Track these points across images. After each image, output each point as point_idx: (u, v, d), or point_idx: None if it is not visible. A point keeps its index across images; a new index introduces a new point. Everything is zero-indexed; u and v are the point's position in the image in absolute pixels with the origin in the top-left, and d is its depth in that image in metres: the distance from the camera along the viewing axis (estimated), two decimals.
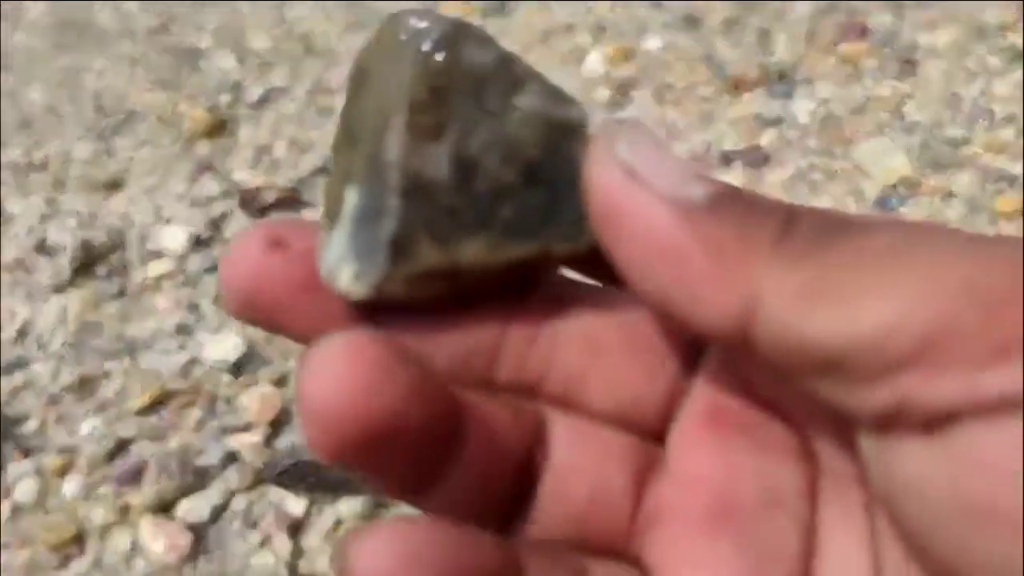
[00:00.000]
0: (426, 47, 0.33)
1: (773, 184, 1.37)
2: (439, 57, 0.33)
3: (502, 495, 0.35)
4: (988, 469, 0.25)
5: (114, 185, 1.54)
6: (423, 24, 0.33)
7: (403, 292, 0.34)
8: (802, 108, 1.49)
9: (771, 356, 0.29)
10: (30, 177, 1.57)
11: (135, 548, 1.11)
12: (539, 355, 0.36)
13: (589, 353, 0.36)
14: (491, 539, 0.32)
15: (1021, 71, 1.47)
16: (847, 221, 0.30)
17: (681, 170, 0.31)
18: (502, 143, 0.34)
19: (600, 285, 0.38)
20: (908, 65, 1.53)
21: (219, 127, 1.62)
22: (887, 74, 1.53)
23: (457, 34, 0.34)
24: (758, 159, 1.42)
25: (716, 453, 0.35)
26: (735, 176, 1.39)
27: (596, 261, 0.35)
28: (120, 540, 1.12)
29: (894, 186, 1.34)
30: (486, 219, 0.33)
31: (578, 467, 0.35)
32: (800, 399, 0.34)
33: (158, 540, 1.12)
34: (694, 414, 0.36)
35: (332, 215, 0.35)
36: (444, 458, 0.32)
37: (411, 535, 0.29)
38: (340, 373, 0.29)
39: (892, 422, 0.28)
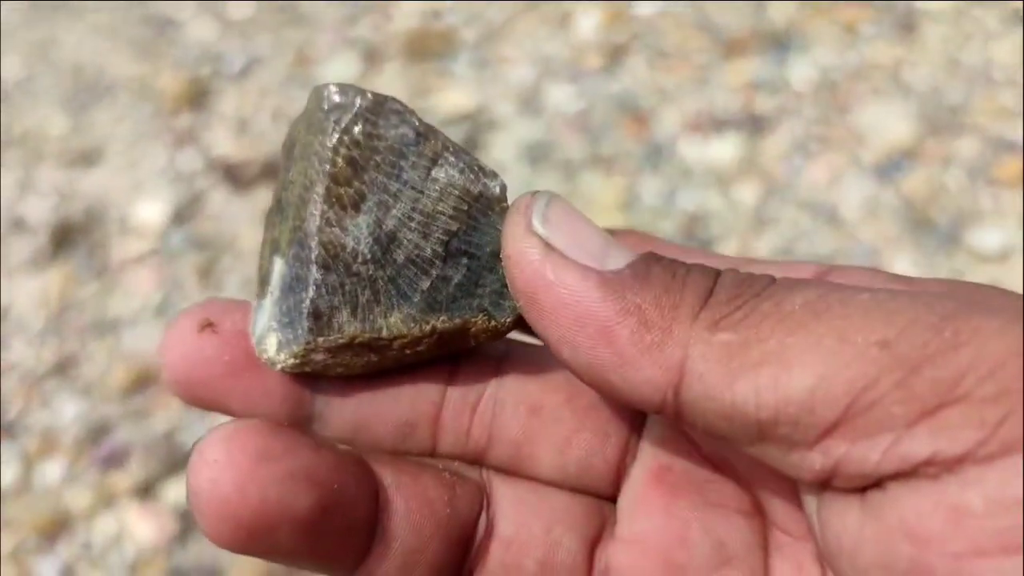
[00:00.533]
0: (345, 120, 0.34)
1: (769, 153, 1.35)
2: (357, 130, 0.34)
3: (437, 569, 0.35)
4: (913, 534, 0.26)
5: (92, 159, 1.51)
6: (343, 97, 0.34)
7: (330, 361, 0.34)
8: (798, 74, 1.47)
9: (701, 424, 0.30)
10: (6, 152, 1.53)
11: (122, 532, 1.09)
12: (482, 422, 0.37)
13: (534, 418, 0.37)
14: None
15: (1021, 34, 1.45)
16: (766, 280, 0.30)
17: (600, 241, 0.32)
18: (421, 216, 0.34)
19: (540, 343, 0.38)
20: (906, 29, 1.51)
21: (199, 98, 1.59)
22: (884, 38, 1.50)
23: (377, 107, 0.34)
24: (753, 126, 1.39)
25: (665, 513, 0.36)
26: (730, 144, 1.37)
27: (526, 327, 0.35)
28: (107, 524, 1.10)
29: (892, 154, 1.32)
30: (405, 292, 0.34)
31: (527, 535, 0.35)
32: (745, 457, 0.34)
33: (145, 523, 1.10)
34: (642, 475, 0.37)
35: (262, 284, 0.36)
36: (363, 536, 0.33)
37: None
38: (220, 465, 0.30)
39: (828, 484, 0.28)
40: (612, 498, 0.37)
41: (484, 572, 0.35)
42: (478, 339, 0.36)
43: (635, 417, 0.37)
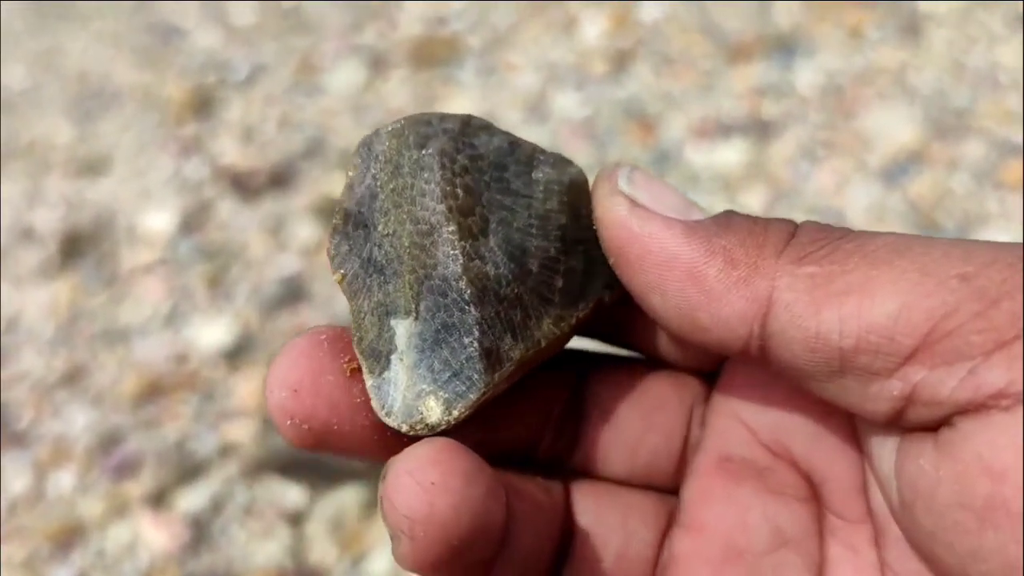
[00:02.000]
0: (446, 152, 0.33)
1: (775, 157, 1.35)
2: (460, 157, 0.33)
3: (544, 568, 0.36)
4: (988, 468, 0.26)
5: (98, 168, 1.51)
6: (428, 129, 0.34)
7: (491, 399, 0.33)
8: (803, 78, 1.47)
9: (785, 356, 0.31)
10: (13, 162, 1.53)
11: (135, 540, 1.09)
12: (563, 432, 0.38)
13: (606, 424, 0.38)
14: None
15: None
16: (846, 229, 0.31)
17: (681, 199, 0.33)
18: (537, 220, 0.35)
19: (610, 353, 0.40)
20: (911, 32, 1.51)
21: (205, 106, 1.59)
22: (889, 42, 1.51)
23: (464, 128, 0.34)
24: (760, 131, 1.40)
25: (727, 500, 0.37)
26: (737, 149, 1.37)
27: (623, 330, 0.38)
28: (120, 532, 1.10)
29: (898, 158, 1.33)
30: (546, 296, 0.34)
31: (605, 529, 0.36)
32: (801, 444, 0.36)
33: (158, 531, 1.10)
34: (704, 466, 0.38)
35: (377, 356, 0.34)
36: (498, 546, 0.33)
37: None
38: (438, 488, 0.30)
39: (902, 418, 0.29)
40: (675, 491, 0.38)
41: (571, 567, 0.36)
42: (605, 311, 0.37)
43: (696, 410, 0.38)
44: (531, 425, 0.37)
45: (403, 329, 0.33)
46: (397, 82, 1.59)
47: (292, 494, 1.12)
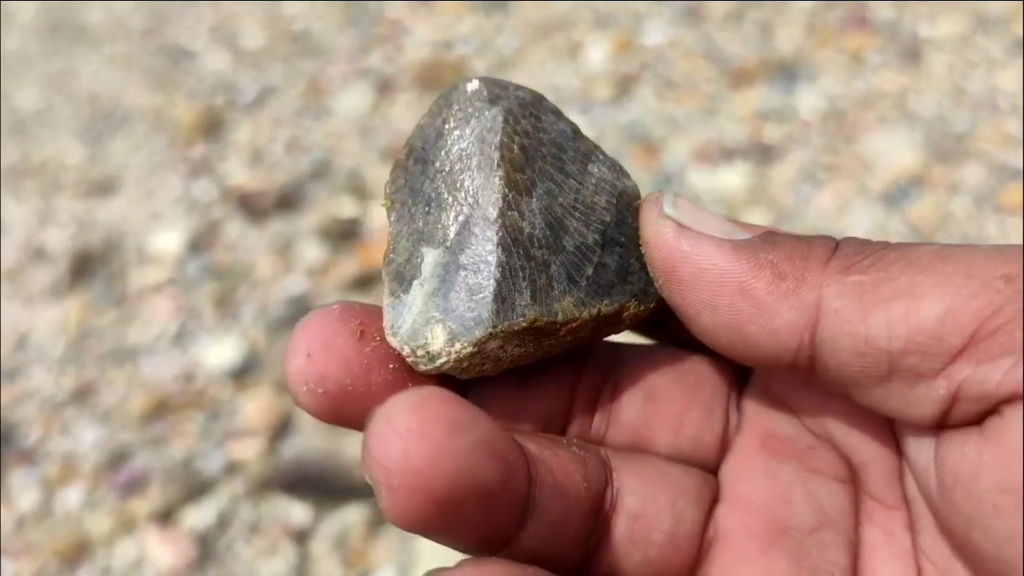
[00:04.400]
0: (513, 110, 0.35)
1: (777, 182, 1.36)
2: (524, 121, 0.35)
3: (575, 540, 0.35)
4: None
5: (108, 189, 1.53)
6: (502, 91, 0.36)
7: (499, 351, 0.34)
8: (805, 103, 1.48)
9: (834, 365, 0.32)
10: (25, 181, 1.55)
11: (142, 557, 1.10)
12: (604, 409, 0.38)
13: (649, 403, 0.38)
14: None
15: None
16: (886, 242, 0.32)
17: (725, 222, 0.34)
18: (583, 206, 0.36)
19: (647, 344, 0.41)
20: (911, 57, 1.53)
21: (214, 128, 1.61)
22: (890, 66, 1.52)
23: (536, 102, 0.36)
24: (762, 155, 1.41)
25: (769, 476, 0.37)
26: (739, 173, 1.38)
27: (654, 322, 0.38)
28: (127, 549, 1.11)
29: (899, 182, 1.33)
30: (574, 277, 0.35)
31: (655, 509, 0.36)
32: (841, 426, 0.37)
33: (164, 548, 1.10)
34: (747, 443, 0.38)
35: (400, 278, 0.35)
36: (519, 511, 0.32)
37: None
38: (413, 434, 0.29)
39: (946, 419, 0.30)
40: (715, 469, 0.39)
41: (610, 544, 0.36)
42: (626, 323, 0.38)
43: (735, 390, 0.39)
44: (563, 399, 0.37)
45: (431, 258, 0.35)
46: (404, 105, 1.60)
47: (297, 512, 1.12)
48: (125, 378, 1.27)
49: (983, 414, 0.29)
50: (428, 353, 0.33)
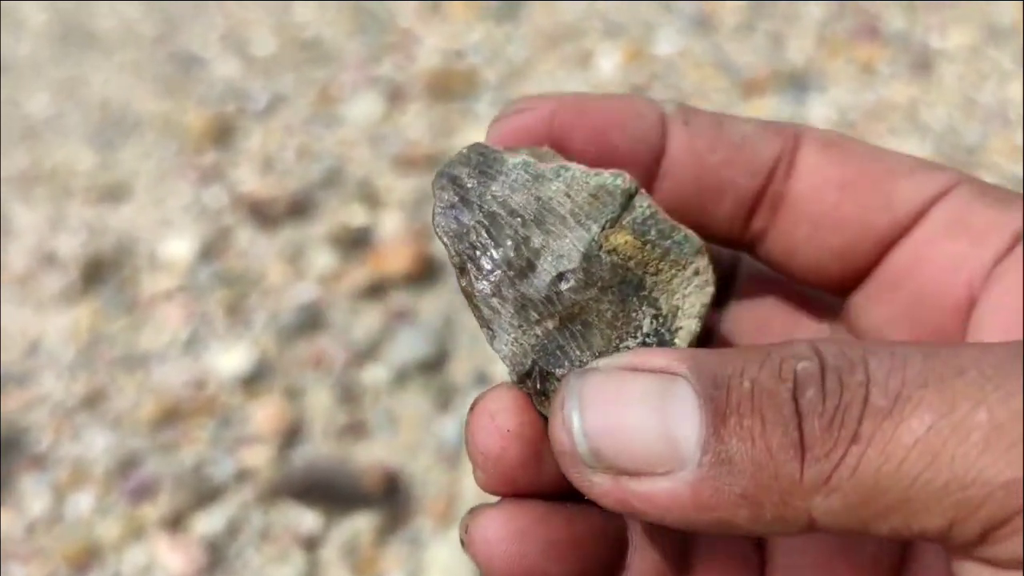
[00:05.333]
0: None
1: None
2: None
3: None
4: None
5: (119, 195, 1.53)
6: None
7: None
8: (816, 113, 1.49)
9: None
10: (36, 187, 1.55)
11: (152, 563, 1.10)
12: None
13: None
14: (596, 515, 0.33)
15: None
16: (857, 408, 0.28)
17: (655, 431, 0.29)
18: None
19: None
20: (922, 68, 1.53)
21: (224, 135, 1.61)
22: (901, 78, 1.52)
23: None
24: None
25: None
26: None
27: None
28: (137, 555, 1.11)
29: None
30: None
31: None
32: None
33: (174, 555, 1.11)
34: None
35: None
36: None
37: (520, 513, 0.33)
38: (511, 434, 0.32)
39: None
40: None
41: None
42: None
43: None
44: None
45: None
46: (414, 114, 1.61)
47: (307, 519, 1.12)
48: (136, 384, 1.27)
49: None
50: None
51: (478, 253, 0.34)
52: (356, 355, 1.27)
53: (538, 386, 0.33)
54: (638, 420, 0.29)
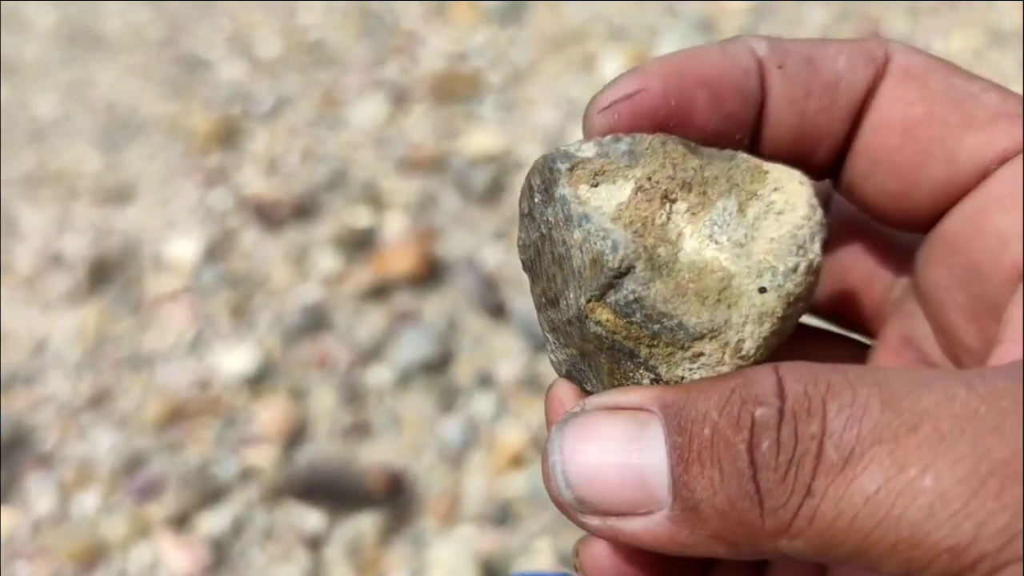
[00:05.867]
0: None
1: None
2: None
3: None
4: None
5: (125, 197, 1.54)
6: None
7: None
8: None
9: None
10: (43, 189, 1.56)
11: (157, 561, 1.11)
12: None
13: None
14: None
15: None
16: (812, 450, 0.28)
17: (628, 471, 0.30)
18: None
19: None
20: None
21: (230, 137, 1.62)
22: None
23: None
24: None
25: None
26: None
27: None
28: (142, 554, 1.12)
29: None
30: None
31: None
32: None
33: (179, 553, 1.11)
34: None
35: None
36: None
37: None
38: None
39: None
40: None
41: None
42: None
43: None
44: None
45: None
46: (418, 116, 1.61)
47: (311, 519, 1.13)
48: (141, 384, 1.28)
49: None
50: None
51: (533, 268, 0.35)
52: (360, 356, 1.27)
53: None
54: (615, 464, 0.30)
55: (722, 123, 0.35)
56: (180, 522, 1.14)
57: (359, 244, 1.40)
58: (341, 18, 1.84)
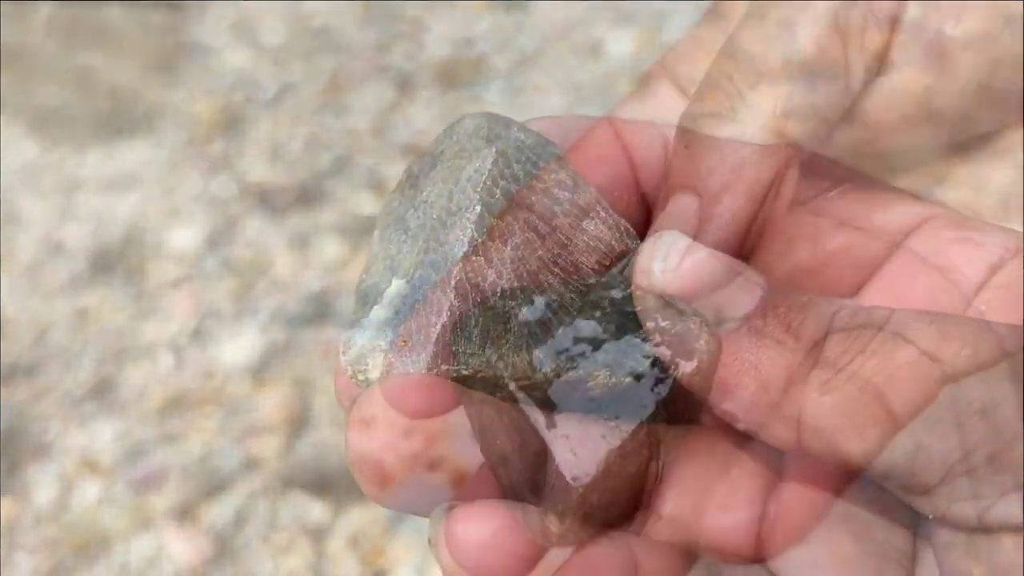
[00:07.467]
0: (507, 154, 0.33)
1: None
2: (517, 167, 0.34)
3: None
4: None
5: (128, 184, 1.53)
6: (505, 131, 0.34)
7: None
8: None
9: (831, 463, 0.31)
10: (44, 177, 1.56)
11: (159, 552, 1.10)
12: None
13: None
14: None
15: None
16: (875, 327, 0.30)
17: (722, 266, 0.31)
18: (564, 264, 0.34)
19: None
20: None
21: (233, 124, 1.61)
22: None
23: (539, 148, 0.34)
24: None
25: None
26: None
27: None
28: (145, 544, 1.11)
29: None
30: (537, 333, 0.32)
31: None
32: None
33: (182, 544, 1.11)
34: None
35: (365, 301, 0.34)
36: None
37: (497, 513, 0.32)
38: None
39: (941, 522, 0.29)
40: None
41: None
42: (592, 392, 0.34)
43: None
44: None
45: (394, 287, 0.34)
46: (423, 103, 1.60)
47: (315, 510, 1.12)
48: (143, 374, 1.27)
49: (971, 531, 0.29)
50: (367, 380, 0.33)
51: None
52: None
53: None
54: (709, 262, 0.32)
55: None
56: (182, 513, 1.13)
57: (363, 231, 1.39)
58: (345, 4, 1.83)
